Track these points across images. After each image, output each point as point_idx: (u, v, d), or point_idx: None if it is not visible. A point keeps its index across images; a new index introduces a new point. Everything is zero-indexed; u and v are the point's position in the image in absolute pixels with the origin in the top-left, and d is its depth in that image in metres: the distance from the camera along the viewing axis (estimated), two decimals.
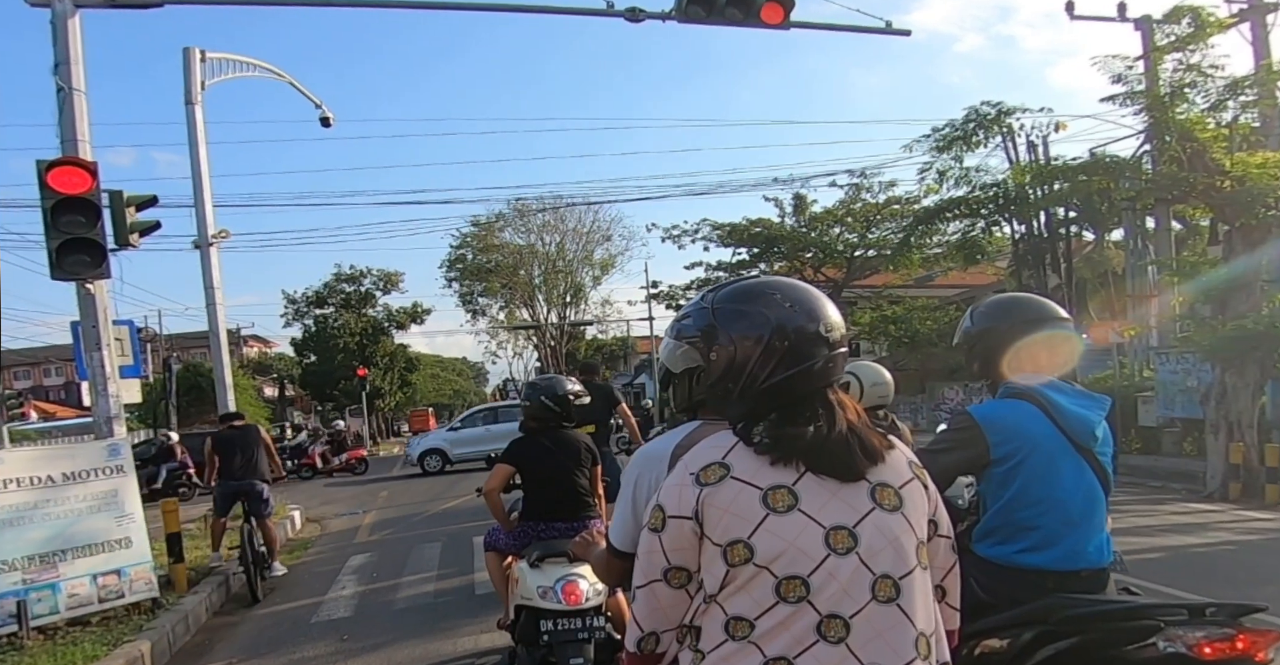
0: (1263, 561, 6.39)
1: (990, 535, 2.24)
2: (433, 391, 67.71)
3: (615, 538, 1.68)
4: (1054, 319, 2.34)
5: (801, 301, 1.43)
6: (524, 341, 48.57)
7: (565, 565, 3.68)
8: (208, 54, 10.14)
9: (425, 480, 17.60)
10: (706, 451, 1.41)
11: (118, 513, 5.78)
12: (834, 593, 1.30)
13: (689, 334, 1.53)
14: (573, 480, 4.05)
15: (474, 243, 41.05)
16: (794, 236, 29.12)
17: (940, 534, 1.51)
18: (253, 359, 53.97)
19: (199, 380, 27.92)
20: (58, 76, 6.31)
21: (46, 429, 23.20)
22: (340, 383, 37.81)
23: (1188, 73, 10.63)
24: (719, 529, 1.33)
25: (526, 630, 3.63)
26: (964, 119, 16.69)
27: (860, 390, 4.08)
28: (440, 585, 6.88)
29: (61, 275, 5.88)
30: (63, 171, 5.82)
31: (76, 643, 5.02)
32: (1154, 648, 1.89)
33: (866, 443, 1.39)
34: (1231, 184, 9.86)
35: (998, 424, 2.21)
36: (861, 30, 12.45)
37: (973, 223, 17.80)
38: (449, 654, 4.88)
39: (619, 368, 56.81)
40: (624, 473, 1.78)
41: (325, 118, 12.89)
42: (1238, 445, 9.49)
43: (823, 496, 1.34)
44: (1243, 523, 8.03)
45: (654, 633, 1.44)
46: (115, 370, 6.53)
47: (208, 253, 9.81)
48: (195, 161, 9.80)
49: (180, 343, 37.90)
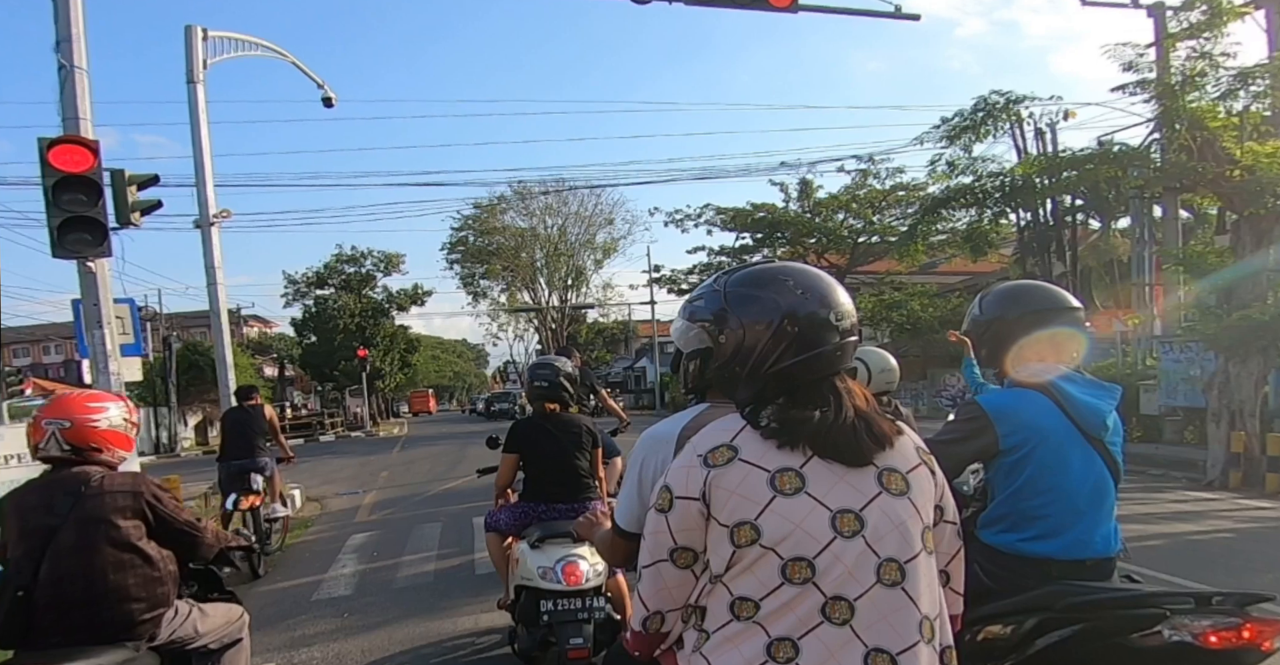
0: (1262, 550, 6.41)
1: (997, 522, 2.24)
2: (433, 373, 67.93)
3: (621, 518, 1.68)
4: (1064, 309, 2.31)
5: (813, 288, 1.44)
6: (525, 324, 48.65)
7: (566, 546, 3.69)
8: (210, 32, 10.06)
9: (426, 461, 17.67)
10: (715, 434, 1.41)
11: None
12: (839, 575, 1.30)
13: (700, 317, 1.53)
14: (573, 462, 4.06)
15: (475, 225, 40.98)
16: (798, 222, 29.06)
17: (946, 519, 1.51)
18: (253, 339, 54.08)
19: (198, 359, 28.04)
20: (59, 54, 6.25)
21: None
22: (340, 363, 37.88)
23: (1200, 60, 10.53)
24: (726, 510, 1.33)
25: (527, 610, 3.64)
26: (973, 108, 16.58)
27: (868, 376, 4.07)
28: (440, 565, 6.91)
29: (63, 253, 5.86)
30: (64, 150, 5.78)
31: None
32: (1159, 636, 1.88)
33: (875, 428, 1.39)
34: (1241, 173, 9.80)
35: (1007, 414, 2.19)
36: (871, 14, 12.33)
37: (980, 213, 17.73)
38: (449, 633, 4.90)
39: (620, 351, 56.87)
40: (630, 454, 1.77)
41: (327, 97, 12.81)
42: (1239, 434, 9.50)
43: (830, 480, 1.34)
44: (1243, 511, 8.04)
45: (659, 612, 1.45)
46: (116, 348, 6.52)
47: (209, 232, 9.79)
48: (197, 141, 9.76)
49: (180, 322, 37.98)
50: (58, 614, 2.36)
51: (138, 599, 2.45)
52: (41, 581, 2.36)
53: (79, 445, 2.52)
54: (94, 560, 2.40)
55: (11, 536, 2.46)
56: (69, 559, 2.38)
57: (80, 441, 2.52)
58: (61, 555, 2.38)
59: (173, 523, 2.56)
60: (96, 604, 2.39)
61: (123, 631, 2.43)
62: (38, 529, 2.41)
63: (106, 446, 2.57)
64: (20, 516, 2.47)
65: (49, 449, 2.52)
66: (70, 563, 2.38)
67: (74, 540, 2.39)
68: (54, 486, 2.48)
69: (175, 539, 2.58)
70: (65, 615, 2.37)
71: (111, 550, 2.42)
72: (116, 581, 2.42)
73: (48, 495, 2.47)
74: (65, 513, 2.41)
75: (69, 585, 2.37)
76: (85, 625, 2.38)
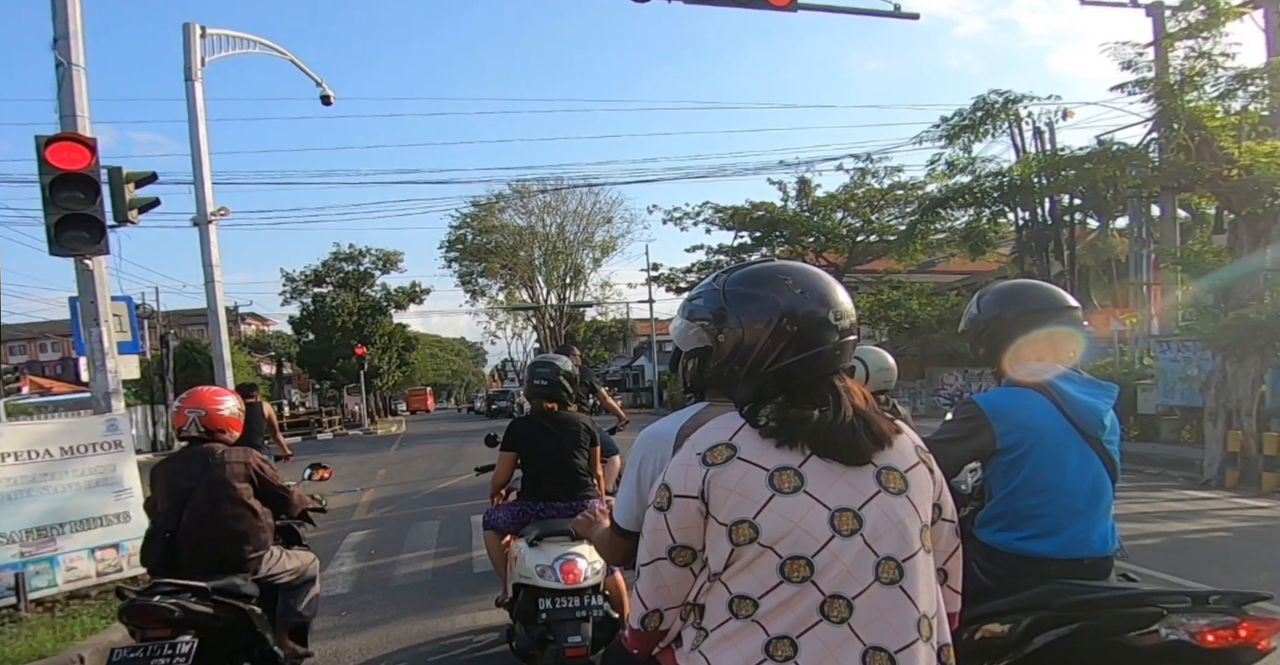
0: (1258, 548, 6.42)
1: (995, 522, 2.24)
2: (431, 371, 67.84)
3: (620, 517, 1.69)
4: (1062, 308, 2.31)
5: (813, 287, 1.44)
6: (523, 322, 48.60)
7: (564, 544, 3.69)
8: (208, 30, 10.03)
9: (424, 459, 17.66)
10: (713, 432, 1.41)
11: (116, 488, 5.79)
12: (838, 574, 1.30)
13: (700, 315, 1.53)
14: (572, 461, 4.05)
15: (474, 223, 40.94)
16: (796, 221, 29.05)
17: (944, 518, 1.52)
18: (251, 337, 54.00)
19: (196, 357, 27.94)
20: (57, 51, 6.23)
21: (44, 403, 23.22)
22: (338, 361, 37.86)
23: (1199, 60, 10.54)
24: (724, 509, 1.34)
25: (525, 608, 3.64)
26: (972, 108, 16.58)
27: (866, 375, 4.07)
28: (438, 563, 6.91)
29: (60, 251, 5.84)
30: (61, 147, 5.76)
31: (75, 616, 5.04)
32: (1156, 635, 1.89)
33: (873, 427, 1.39)
34: (1239, 173, 9.81)
35: (1004, 414, 2.19)
36: (870, 13, 12.31)
37: (978, 212, 17.73)
38: (447, 631, 4.90)
39: (618, 349, 56.86)
40: (629, 453, 1.78)
41: (326, 95, 12.76)
42: (1236, 433, 9.52)
43: (828, 479, 1.34)
44: (1239, 510, 8.06)
45: (658, 610, 1.45)
46: (113, 346, 6.50)
47: (207, 230, 9.75)
48: (195, 138, 9.72)
49: (178, 320, 37.88)
50: (193, 551, 3.20)
51: (247, 542, 3.30)
52: (182, 528, 3.21)
53: (210, 428, 3.38)
54: (218, 513, 3.24)
55: (160, 495, 3.32)
56: (201, 511, 3.22)
57: (211, 425, 3.39)
58: (196, 509, 3.22)
59: (271, 486, 3.42)
60: (219, 544, 3.24)
61: (236, 565, 3.27)
62: (178, 489, 3.26)
63: (228, 428, 3.44)
64: (167, 480, 3.32)
65: (189, 430, 3.37)
66: (202, 514, 3.22)
67: (204, 498, 3.24)
68: (190, 458, 3.34)
69: (273, 498, 3.45)
70: (198, 552, 3.20)
71: (230, 505, 3.26)
72: (233, 528, 3.26)
73: (185, 465, 3.32)
74: (198, 477, 3.25)
75: (201, 530, 3.21)
76: (211, 559, 3.21)
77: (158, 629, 2.99)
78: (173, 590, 3.04)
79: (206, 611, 3.07)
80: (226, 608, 3.16)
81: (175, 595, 3.02)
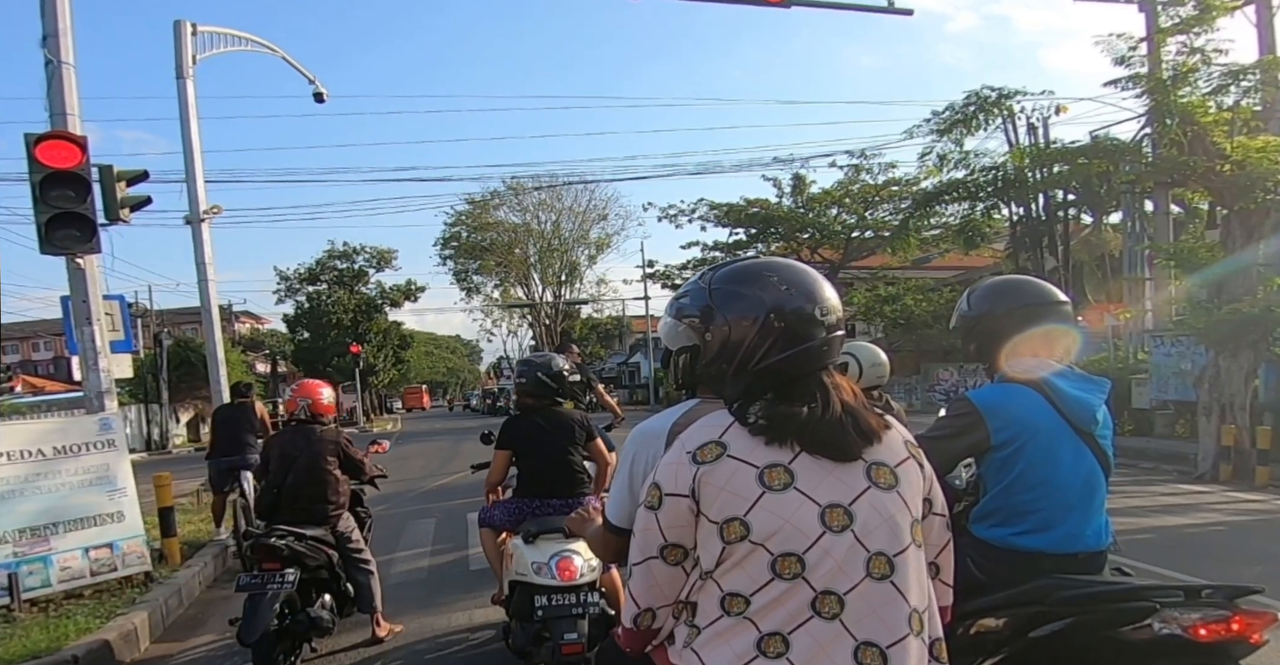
0: (1252, 542, 6.45)
1: (989, 517, 2.24)
2: (427, 369, 67.78)
3: (612, 515, 1.68)
4: (1052, 303, 2.31)
5: (798, 284, 1.43)
6: (519, 320, 48.52)
7: (560, 541, 3.68)
8: (199, 27, 9.98)
9: (419, 457, 17.65)
10: (703, 430, 1.41)
11: (110, 487, 5.76)
12: (829, 570, 1.30)
13: (686, 313, 1.52)
14: (567, 458, 4.05)
15: (469, 221, 40.83)
16: (791, 217, 29.05)
17: (935, 512, 1.52)
18: (245, 335, 53.81)
19: (189, 355, 27.88)
20: (46, 49, 6.19)
21: (37, 403, 23.11)
22: (333, 359, 37.72)
23: (1191, 55, 10.55)
24: (715, 507, 1.33)
25: (521, 606, 3.64)
26: (964, 102, 16.60)
27: (859, 371, 4.06)
28: (434, 560, 6.91)
29: (51, 250, 5.81)
30: (51, 145, 5.72)
31: (69, 615, 5.02)
32: (1149, 629, 1.89)
33: (862, 423, 1.39)
34: (1231, 168, 9.82)
35: (998, 410, 2.19)
36: (863, 9, 12.31)
37: (972, 206, 17.77)
38: (443, 628, 4.90)
39: (614, 347, 56.83)
40: (621, 451, 1.77)
41: (319, 93, 12.71)
42: (1229, 427, 9.55)
43: (819, 475, 1.34)
44: (1233, 504, 8.10)
45: (650, 609, 1.45)
46: (106, 345, 6.48)
47: (199, 228, 9.72)
48: (186, 136, 9.67)
49: (171, 318, 37.81)
50: (293, 505, 4.29)
51: (331, 501, 4.40)
52: (287, 486, 4.32)
53: (314, 413, 4.57)
54: (313, 477, 4.36)
55: (273, 458, 4.45)
56: (302, 475, 4.34)
57: (315, 410, 4.58)
58: (298, 472, 4.34)
59: (352, 458, 4.54)
60: (313, 501, 4.34)
61: (323, 518, 4.35)
62: (287, 456, 4.40)
63: (326, 413, 4.63)
64: (280, 448, 4.46)
65: (300, 414, 4.56)
66: (303, 477, 4.34)
67: (305, 464, 4.36)
68: (297, 434, 4.50)
69: (352, 467, 4.56)
70: (296, 504, 4.29)
71: (322, 472, 4.38)
72: (324, 490, 4.37)
73: (294, 438, 4.47)
74: (302, 448, 4.39)
75: (301, 490, 4.32)
76: (305, 511, 4.29)
77: (271, 562, 3.90)
78: (283, 534, 4.00)
79: (305, 552, 4.05)
80: (317, 551, 4.17)
81: (284, 538, 3.99)
